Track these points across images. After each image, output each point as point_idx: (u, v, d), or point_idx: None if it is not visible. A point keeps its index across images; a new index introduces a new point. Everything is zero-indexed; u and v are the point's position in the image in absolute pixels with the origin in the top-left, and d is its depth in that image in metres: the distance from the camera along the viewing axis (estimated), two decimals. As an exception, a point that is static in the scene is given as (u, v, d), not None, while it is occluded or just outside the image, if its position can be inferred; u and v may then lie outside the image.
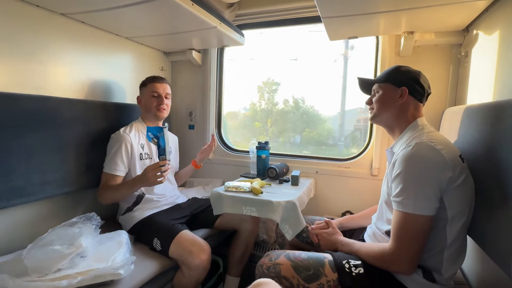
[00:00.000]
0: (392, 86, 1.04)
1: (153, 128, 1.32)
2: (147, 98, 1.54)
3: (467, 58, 1.44)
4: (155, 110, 1.54)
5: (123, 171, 1.44)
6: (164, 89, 1.57)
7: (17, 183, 1.20)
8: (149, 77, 1.58)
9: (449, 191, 0.84)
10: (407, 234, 0.86)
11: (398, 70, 1.06)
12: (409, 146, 0.90)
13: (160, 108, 1.54)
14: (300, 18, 1.92)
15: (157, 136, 1.31)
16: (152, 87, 1.54)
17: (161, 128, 1.30)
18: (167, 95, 1.58)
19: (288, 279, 0.96)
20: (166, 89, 1.58)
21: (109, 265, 1.03)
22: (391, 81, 1.05)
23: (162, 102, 1.55)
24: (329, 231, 1.20)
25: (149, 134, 1.32)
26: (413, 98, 1.02)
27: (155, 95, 1.54)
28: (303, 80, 2.33)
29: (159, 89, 1.54)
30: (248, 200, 1.38)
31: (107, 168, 1.42)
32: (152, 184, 1.32)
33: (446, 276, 0.89)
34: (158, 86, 1.55)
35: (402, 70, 1.05)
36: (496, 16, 1.16)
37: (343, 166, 1.84)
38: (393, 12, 1.27)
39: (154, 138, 1.32)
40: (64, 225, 1.15)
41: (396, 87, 1.03)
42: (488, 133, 0.89)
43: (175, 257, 1.27)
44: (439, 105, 1.57)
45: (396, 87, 1.03)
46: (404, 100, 1.02)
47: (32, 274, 0.97)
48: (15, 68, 1.26)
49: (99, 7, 1.31)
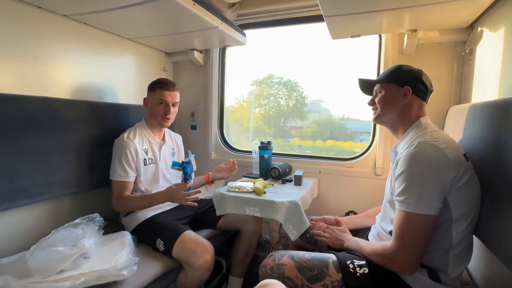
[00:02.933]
0: (395, 86, 1.04)
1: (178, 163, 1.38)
2: (154, 104, 1.50)
3: (471, 56, 1.42)
4: (160, 119, 1.51)
5: (133, 176, 1.44)
6: (173, 97, 1.51)
7: (21, 184, 1.21)
8: (159, 82, 1.50)
9: (453, 191, 0.83)
10: (409, 233, 0.85)
11: (400, 70, 1.05)
12: (412, 146, 0.89)
13: (165, 118, 1.51)
14: (302, 17, 1.91)
15: (182, 166, 1.38)
16: (160, 94, 1.48)
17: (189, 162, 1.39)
18: (174, 104, 1.54)
19: (292, 280, 0.95)
20: (175, 98, 1.53)
21: (112, 266, 1.03)
22: (394, 81, 1.04)
23: (169, 112, 1.50)
24: (341, 228, 1.20)
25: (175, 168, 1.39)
26: (417, 97, 1.02)
27: (162, 103, 1.49)
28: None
29: (167, 97, 1.49)
30: (251, 200, 1.37)
31: (117, 175, 1.40)
32: (181, 202, 1.37)
33: (452, 277, 0.88)
34: (167, 94, 1.49)
35: (404, 70, 1.05)
36: (501, 12, 1.14)
37: (346, 166, 1.83)
38: (396, 10, 1.26)
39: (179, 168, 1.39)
40: (67, 226, 1.16)
41: (399, 86, 1.02)
42: (494, 131, 0.88)
43: (178, 257, 1.26)
44: (444, 104, 1.55)
45: (399, 86, 1.02)
46: (408, 99, 1.01)
47: (35, 275, 0.97)
48: (18, 69, 1.27)
49: (101, 8, 1.31)
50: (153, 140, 1.55)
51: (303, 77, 2.32)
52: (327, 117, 2.34)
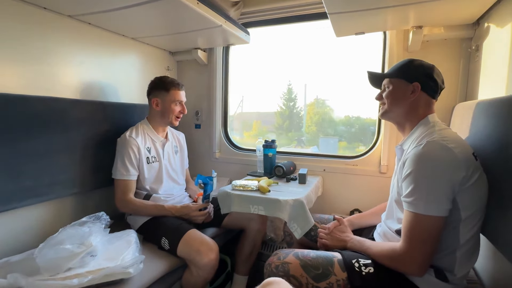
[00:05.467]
0: (404, 81, 1.00)
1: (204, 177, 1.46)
2: (168, 105, 1.51)
3: (478, 52, 1.40)
4: (173, 118, 1.53)
5: (136, 174, 1.45)
6: (184, 97, 1.57)
7: (28, 184, 1.22)
8: (172, 82, 1.52)
9: (462, 191, 0.82)
10: (418, 235, 0.84)
11: (411, 64, 1.02)
12: (420, 145, 0.87)
13: (178, 118, 1.55)
14: (306, 15, 1.90)
15: (206, 182, 1.47)
16: (176, 94, 1.51)
17: (211, 177, 1.48)
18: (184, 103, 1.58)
19: (296, 278, 0.95)
20: (185, 97, 1.58)
21: (119, 264, 1.04)
22: (403, 76, 1.01)
23: (184, 111, 1.55)
24: (341, 228, 1.19)
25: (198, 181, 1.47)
26: (426, 94, 0.99)
27: (177, 103, 1.52)
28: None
29: (182, 97, 1.54)
30: (255, 198, 1.37)
31: (119, 174, 1.41)
32: (194, 221, 1.45)
33: (459, 276, 0.87)
34: (181, 94, 1.53)
35: (415, 65, 1.01)
36: (508, 8, 1.12)
37: (351, 164, 1.82)
38: (401, 7, 1.25)
39: (202, 183, 1.47)
40: (74, 225, 1.17)
41: (408, 82, 0.99)
42: (501, 129, 0.87)
43: (183, 256, 1.27)
44: (450, 101, 1.53)
45: (408, 82, 0.99)
46: (416, 96, 0.98)
47: (43, 273, 0.98)
48: (24, 70, 1.28)
49: (105, 8, 1.32)
50: (156, 138, 1.56)
51: (309, 76, 2.31)
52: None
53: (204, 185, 1.48)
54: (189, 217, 1.43)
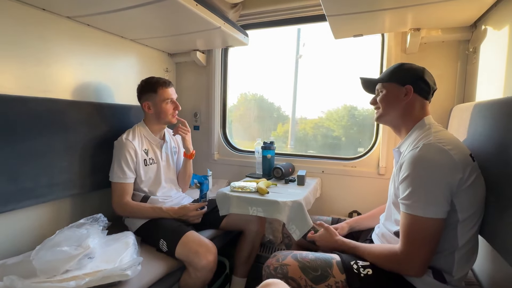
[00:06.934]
0: (396, 85, 1.02)
1: (198, 176, 1.47)
2: (160, 105, 1.47)
3: (475, 54, 1.41)
4: (171, 117, 1.52)
5: (132, 177, 1.45)
6: (174, 92, 1.54)
7: (26, 185, 1.22)
8: (156, 82, 1.48)
9: (460, 193, 0.82)
10: (417, 237, 0.84)
11: (402, 68, 1.04)
12: (416, 148, 0.87)
13: (174, 115, 1.53)
14: (304, 17, 1.91)
15: (201, 182, 1.49)
16: (164, 93, 1.47)
17: (206, 176, 1.50)
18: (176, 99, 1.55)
19: (295, 280, 0.95)
20: (175, 93, 1.55)
21: (117, 266, 1.03)
22: (395, 80, 1.03)
23: (178, 107, 1.53)
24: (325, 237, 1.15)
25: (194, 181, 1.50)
26: (419, 96, 1.00)
27: (169, 101, 1.50)
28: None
29: (172, 94, 1.51)
30: (254, 200, 1.37)
31: (116, 177, 1.41)
32: (192, 221, 1.46)
33: (457, 277, 0.87)
34: (170, 91, 1.50)
35: (405, 68, 1.03)
36: (505, 10, 1.13)
37: (350, 166, 1.82)
38: (399, 9, 1.26)
39: (198, 183, 1.48)
40: (71, 227, 1.16)
41: (400, 85, 1.01)
42: (499, 130, 0.87)
43: (181, 258, 1.27)
44: (447, 103, 1.54)
45: (400, 85, 1.01)
46: (409, 98, 0.99)
47: (40, 275, 0.97)
48: (22, 71, 1.28)
49: (104, 9, 1.32)
50: (153, 140, 1.55)
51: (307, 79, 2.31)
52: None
53: (200, 184, 1.48)
54: (187, 218, 1.43)
